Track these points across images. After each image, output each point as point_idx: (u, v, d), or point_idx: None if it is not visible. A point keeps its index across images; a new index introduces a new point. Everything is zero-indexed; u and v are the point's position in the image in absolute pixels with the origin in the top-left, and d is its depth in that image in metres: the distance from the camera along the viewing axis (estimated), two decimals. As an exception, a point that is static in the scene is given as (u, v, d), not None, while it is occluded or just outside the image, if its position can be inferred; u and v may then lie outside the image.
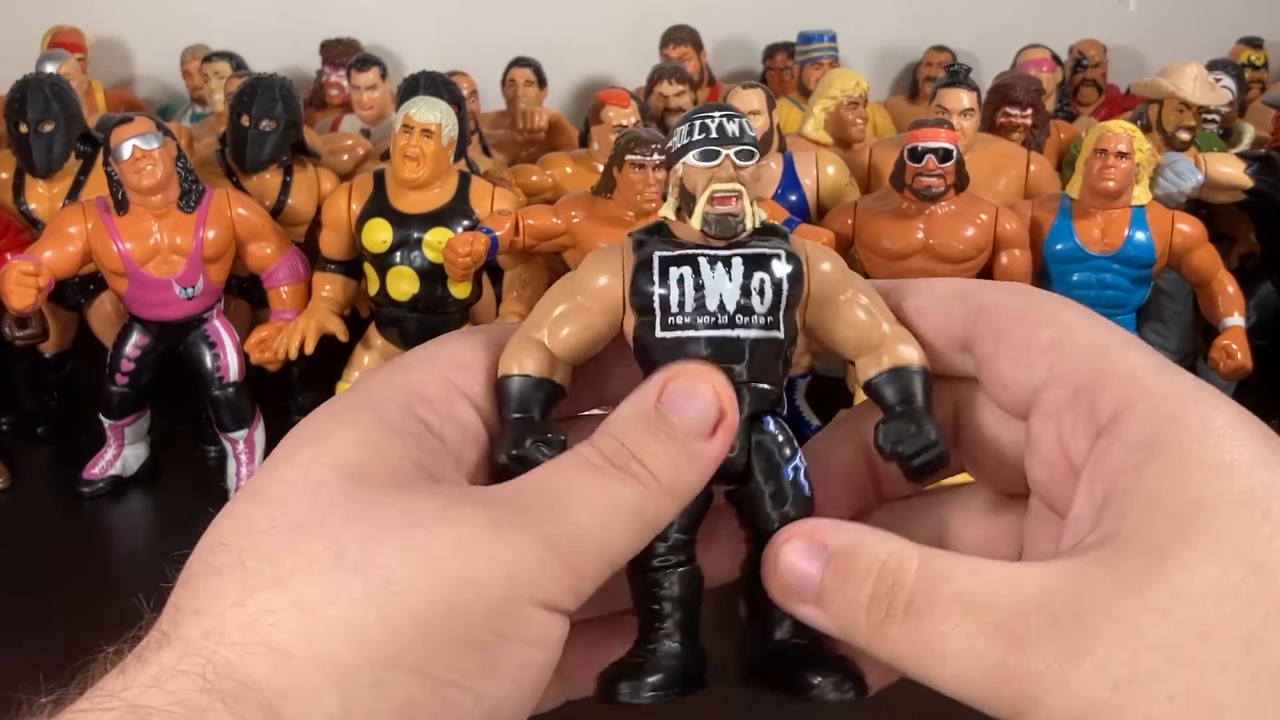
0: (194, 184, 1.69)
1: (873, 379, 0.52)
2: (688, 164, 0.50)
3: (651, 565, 0.49)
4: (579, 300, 0.50)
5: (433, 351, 0.47)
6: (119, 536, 1.75)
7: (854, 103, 2.05)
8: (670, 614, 0.50)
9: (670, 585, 0.50)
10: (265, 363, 1.74)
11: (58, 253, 1.64)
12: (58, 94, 1.80)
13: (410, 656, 0.37)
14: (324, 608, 0.37)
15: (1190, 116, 1.88)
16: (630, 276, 0.50)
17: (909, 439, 0.51)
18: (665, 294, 0.49)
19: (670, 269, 0.49)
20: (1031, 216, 1.72)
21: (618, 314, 0.50)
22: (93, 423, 1.84)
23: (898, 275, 1.72)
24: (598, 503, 0.41)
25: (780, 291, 0.50)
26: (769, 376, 0.50)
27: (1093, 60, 2.52)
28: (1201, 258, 1.72)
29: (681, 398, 0.44)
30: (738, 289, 0.50)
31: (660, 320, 0.49)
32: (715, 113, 0.51)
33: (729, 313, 0.50)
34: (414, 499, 0.40)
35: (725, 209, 0.50)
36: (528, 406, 0.50)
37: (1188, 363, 2.07)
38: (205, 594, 0.38)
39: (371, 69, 2.27)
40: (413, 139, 1.67)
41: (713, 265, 0.50)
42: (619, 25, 2.81)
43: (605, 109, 1.99)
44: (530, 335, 0.50)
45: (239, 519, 0.40)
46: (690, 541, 0.50)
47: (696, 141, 0.51)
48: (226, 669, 0.35)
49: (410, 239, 1.70)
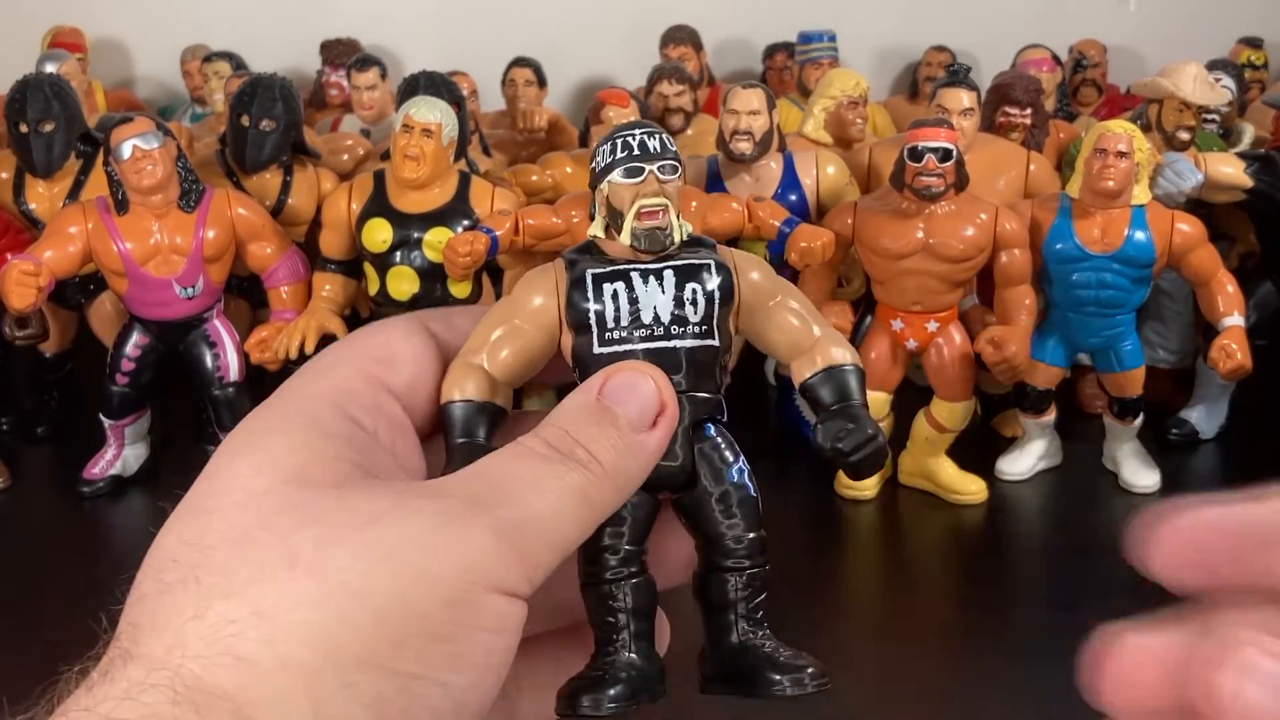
0: (194, 184, 1.69)
1: (808, 380, 0.53)
2: (613, 182, 0.51)
3: (604, 578, 0.50)
4: (515, 323, 0.51)
5: (350, 348, 0.47)
6: (119, 536, 1.75)
7: (854, 103, 2.05)
8: (625, 625, 0.51)
9: (624, 597, 0.51)
10: (265, 363, 1.74)
11: (58, 252, 1.65)
12: (58, 94, 1.80)
13: (375, 655, 0.37)
14: (284, 614, 0.37)
15: (1190, 116, 1.88)
16: (565, 295, 0.50)
17: (847, 435, 0.52)
18: (600, 310, 0.50)
19: (604, 285, 0.50)
20: (1031, 216, 1.72)
21: (555, 333, 0.51)
22: (93, 423, 1.84)
23: (898, 274, 1.72)
24: (544, 487, 0.42)
25: (712, 301, 0.51)
26: (707, 385, 0.52)
27: (1093, 60, 2.53)
28: (1201, 257, 1.71)
29: (623, 390, 0.45)
30: (671, 300, 0.51)
31: (597, 336, 0.50)
32: (636, 130, 0.52)
33: (664, 324, 0.51)
34: (360, 498, 0.40)
35: (653, 223, 0.51)
36: (472, 430, 0.51)
37: (1188, 363, 2.07)
38: (162, 611, 0.38)
39: (371, 69, 2.27)
40: (413, 139, 1.67)
41: (645, 279, 0.51)
42: (619, 25, 2.81)
43: (605, 108, 1.99)
44: (470, 361, 0.50)
45: (185, 534, 0.40)
46: (640, 552, 0.51)
47: (620, 160, 0.51)
48: (195, 681, 0.35)
49: (410, 239, 1.70)
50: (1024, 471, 1.85)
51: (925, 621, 1.47)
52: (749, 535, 0.53)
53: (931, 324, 1.73)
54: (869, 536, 1.68)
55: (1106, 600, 1.57)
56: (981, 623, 1.47)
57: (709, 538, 0.51)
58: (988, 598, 1.53)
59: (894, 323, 1.74)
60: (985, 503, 1.77)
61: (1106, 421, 1.83)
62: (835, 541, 1.67)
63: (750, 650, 0.51)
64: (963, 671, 1.37)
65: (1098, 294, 1.71)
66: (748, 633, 0.51)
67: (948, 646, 1.41)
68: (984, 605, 1.52)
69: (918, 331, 1.73)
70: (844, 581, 1.58)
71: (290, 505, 0.39)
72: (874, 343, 1.77)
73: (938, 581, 1.58)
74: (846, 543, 1.67)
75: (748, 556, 0.54)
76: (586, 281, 0.51)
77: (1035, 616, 1.49)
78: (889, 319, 1.75)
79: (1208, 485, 1.91)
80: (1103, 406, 1.84)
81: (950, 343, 1.74)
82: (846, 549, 1.67)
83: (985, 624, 1.47)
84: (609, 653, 0.51)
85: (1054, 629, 1.46)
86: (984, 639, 1.44)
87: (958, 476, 1.79)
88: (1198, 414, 1.97)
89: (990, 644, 1.43)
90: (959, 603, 1.52)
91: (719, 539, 0.51)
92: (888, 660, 1.38)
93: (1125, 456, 1.83)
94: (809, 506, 1.76)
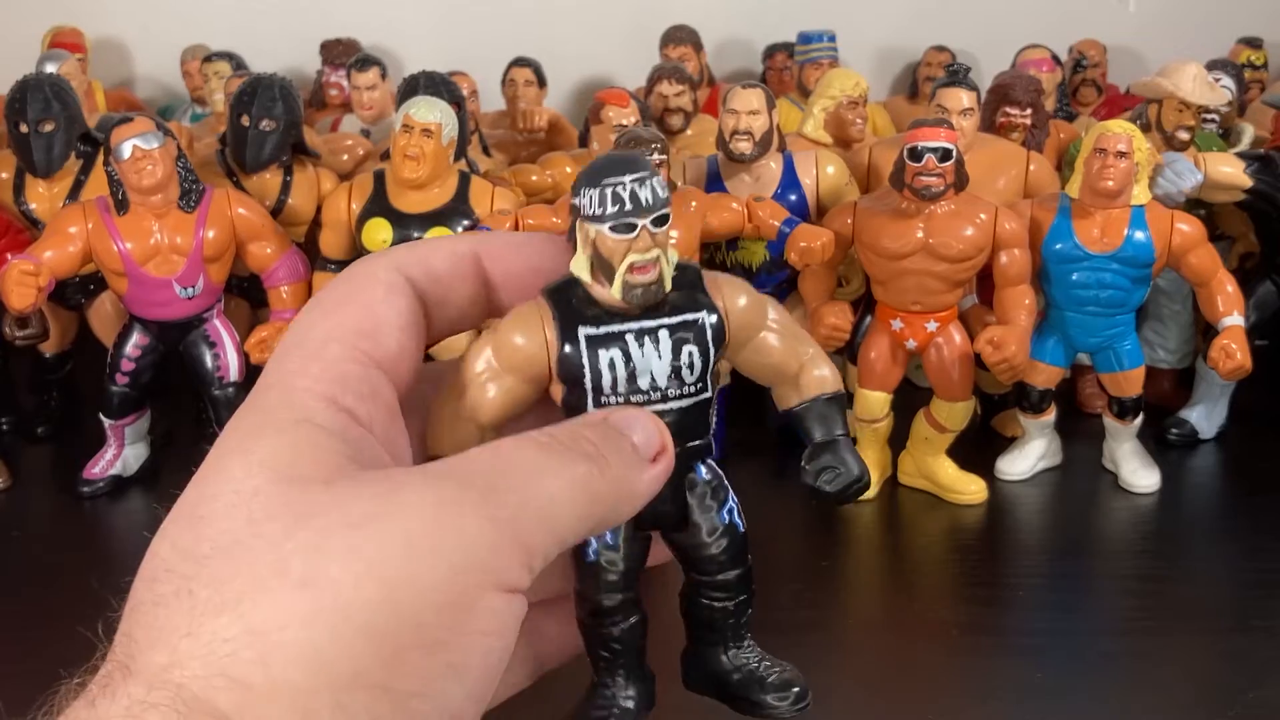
0: (194, 184, 1.70)
1: (794, 409, 0.54)
2: (602, 232, 0.50)
3: (603, 622, 0.51)
4: (501, 374, 0.50)
5: (336, 318, 0.45)
6: (119, 536, 1.75)
7: (854, 103, 2.05)
8: (623, 656, 0.53)
9: (621, 634, 0.52)
10: (265, 363, 1.73)
11: (58, 252, 1.65)
12: (58, 94, 1.80)
13: (368, 673, 0.36)
14: (276, 632, 0.36)
15: (1189, 116, 1.88)
16: (556, 350, 0.50)
17: (836, 479, 0.53)
18: (597, 375, 0.50)
19: (599, 351, 0.50)
20: (1031, 216, 1.72)
21: (544, 383, 0.51)
22: (93, 422, 1.84)
23: (897, 274, 1.72)
24: (547, 473, 0.41)
25: (708, 356, 0.51)
26: (699, 433, 0.52)
27: (1092, 60, 2.53)
28: (1201, 257, 1.71)
29: (630, 419, 0.45)
30: (668, 366, 0.50)
31: (592, 399, 0.50)
32: (626, 177, 0.50)
33: (660, 389, 0.51)
34: (351, 494, 0.39)
35: (645, 278, 0.50)
36: None
37: (1187, 363, 2.07)
38: (155, 625, 0.37)
39: (371, 69, 2.27)
40: (413, 138, 1.67)
41: (640, 342, 0.50)
42: (619, 25, 2.81)
43: (605, 109, 1.99)
44: (459, 414, 0.50)
45: (178, 541, 0.39)
46: (635, 597, 0.53)
47: (610, 214, 0.50)
48: (194, 702, 0.35)
49: (410, 239, 1.70)
50: (1024, 471, 1.85)
51: (925, 621, 1.47)
52: (736, 571, 0.55)
53: (931, 324, 1.73)
54: (869, 536, 1.68)
55: (1106, 600, 1.57)
56: (981, 622, 1.47)
57: (699, 571, 0.53)
58: (987, 597, 1.53)
59: (894, 322, 1.74)
60: (985, 502, 1.77)
61: (1106, 421, 1.83)
62: (835, 541, 1.67)
63: (738, 669, 0.53)
64: (963, 671, 1.37)
65: (1097, 294, 1.71)
66: (735, 652, 0.53)
67: (947, 646, 1.41)
68: (984, 605, 1.52)
69: (917, 331, 1.73)
70: (844, 581, 1.58)
71: (281, 507, 0.39)
72: (874, 343, 1.77)
73: (937, 581, 1.59)
74: (846, 543, 1.67)
75: (736, 590, 0.56)
76: (580, 343, 0.50)
77: (1035, 616, 1.49)
78: (889, 319, 1.75)
79: (1208, 486, 1.92)
80: (1103, 406, 1.84)
81: (950, 343, 1.74)
82: (846, 549, 1.67)
83: (985, 624, 1.47)
84: (609, 685, 0.53)
85: (1054, 629, 1.46)
86: (984, 639, 1.44)
87: (957, 476, 1.79)
88: (1197, 414, 1.97)
89: (990, 644, 1.43)
90: (959, 602, 1.52)
91: (709, 575, 0.53)
92: (887, 660, 1.38)
93: (1125, 456, 1.83)
94: (808, 506, 1.76)
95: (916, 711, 1.27)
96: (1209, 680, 1.38)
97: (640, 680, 0.54)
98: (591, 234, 0.51)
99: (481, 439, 0.51)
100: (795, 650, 1.08)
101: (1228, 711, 1.30)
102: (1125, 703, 1.32)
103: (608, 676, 0.54)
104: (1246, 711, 1.30)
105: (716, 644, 0.55)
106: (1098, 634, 1.46)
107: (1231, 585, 1.59)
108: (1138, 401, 1.78)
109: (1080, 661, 1.39)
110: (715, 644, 0.55)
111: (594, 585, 0.52)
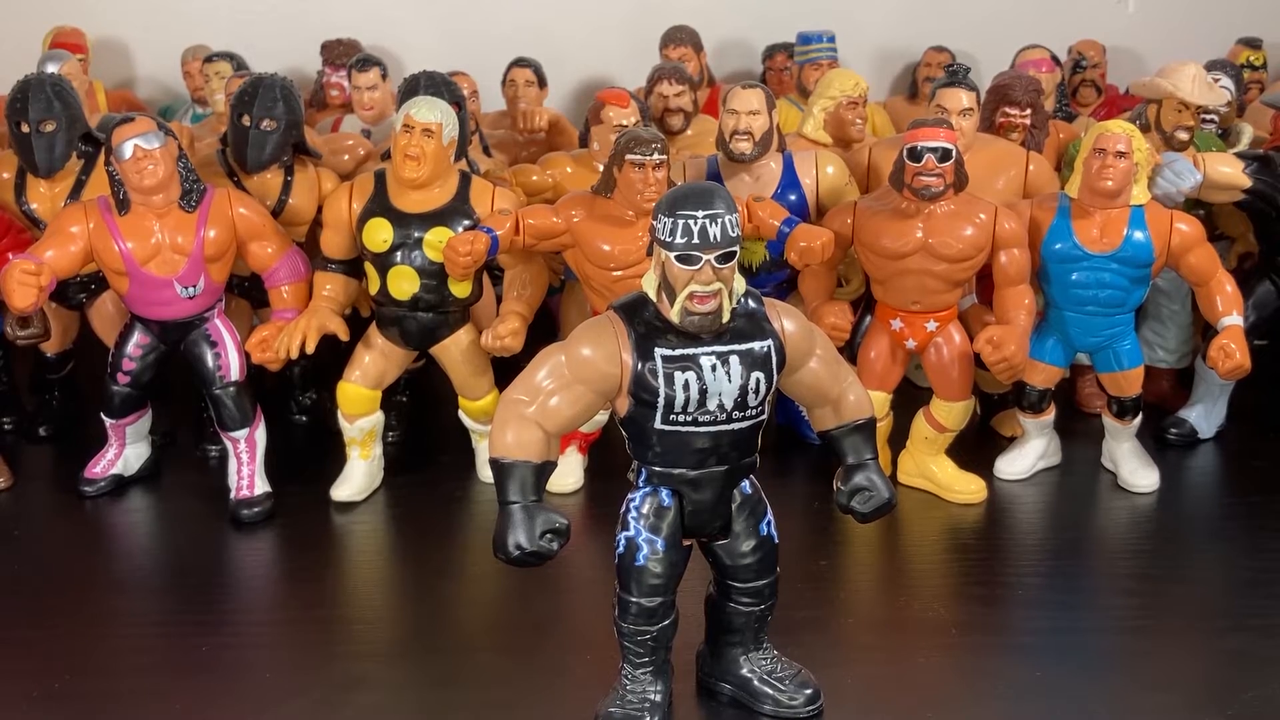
0: (195, 183, 1.70)
1: (831, 431, 0.59)
2: (670, 259, 0.52)
3: (643, 622, 0.54)
4: (572, 382, 0.53)
5: None
6: (120, 535, 1.75)
7: (853, 103, 2.06)
8: (655, 653, 0.57)
9: (659, 633, 0.56)
10: (266, 362, 1.74)
11: (59, 252, 1.65)
12: (59, 94, 1.81)
13: None
14: None
15: (1189, 116, 1.88)
16: (632, 369, 0.53)
17: (868, 501, 0.59)
18: (671, 395, 0.53)
19: (675, 374, 0.53)
20: (1030, 216, 1.73)
21: (612, 395, 0.53)
22: (94, 422, 1.85)
23: (897, 274, 1.73)
24: None
25: (772, 381, 0.55)
26: (751, 449, 0.56)
27: (1092, 61, 2.53)
28: (1200, 257, 1.72)
29: None
30: (737, 389, 0.54)
31: (661, 416, 0.53)
32: (699, 213, 0.54)
33: (727, 411, 0.54)
34: None
35: (704, 308, 0.53)
36: (527, 492, 0.53)
37: (1186, 363, 2.08)
38: None
39: (372, 69, 2.28)
40: (413, 139, 1.68)
41: (713, 368, 0.54)
42: (619, 26, 2.82)
43: (605, 109, 1.99)
44: (525, 414, 0.52)
45: None
46: (673, 600, 0.56)
47: (679, 245, 0.53)
48: None
49: (411, 238, 1.71)
50: (1023, 471, 1.85)
51: (925, 620, 1.47)
52: (766, 580, 0.59)
53: (931, 323, 1.73)
54: (869, 536, 1.68)
55: (1105, 599, 1.57)
56: (980, 621, 1.48)
57: (733, 578, 0.56)
58: (987, 597, 1.54)
59: (893, 322, 1.75)
60: (984, 502, 1.78)
61: (1106, 421, 1.83)
62: (835, 540, 1.67)
63: (756, 670, 0.57)
64: (962, 670, 1.37)
65: (1097, 294, 1.72)
66: (754, 654, 0.57)
67: (947, 645, 1.42)
68: (983, 604, 1.52)
69: (917, 331, 1.74)
70: (844, 580, 1.59)
71: None
72: (873, 342, 1.78)
73: (937, 580, 1.59)
74: (846, 542, 1.68)
75: (764, 597, 0.60)
76: (658, 365, 0.53)
77: (1034, 615, 1.50)
78: (888, 318, 1.75)
79: (1206, 485, 1.92)
80: (1102, 406, 1.85)
81: (950, 342, 1.74)
82: (846, 548, 1.67)
83: (984, 623, 1.47)
84: (637, 679, 0.56)
85: (1053, 627, 1.46)
86: (983, 638, 1.44)
87: (957, 475, 1.80)
88: (1196, 414, 1.98)
89: (989, 643, 1.43)
90: (958, 601, 1.53)
91: (742, 581, 0.57)
92: (887, 658, 1.38)
93: (1124, 456, 1.83)
94: (809, 506, 1.77)
95: (916, 710, 1.27)
96: (1207, 678, 1.39)
97: (666, 676, 0.58)
98: (662, 257, 0.54)
99: (549, 450, 0.54)
100: (796, 650, 1.08)
101: (1226, 710, 1.30)
102: (1124, 701, 1.32)
103: (639, 671, 0.58)
104: (1245, 710, 1.30)
105: (736, 645, 0.58)
106: (1096, 632, 1.46)
107: (1230, 584, 1.59)
108: (1137, 401, 1.79)
109: (1079, 660, 1.39)
110: (735, 645, 0.59)
111: (639, 589, 0.56)
